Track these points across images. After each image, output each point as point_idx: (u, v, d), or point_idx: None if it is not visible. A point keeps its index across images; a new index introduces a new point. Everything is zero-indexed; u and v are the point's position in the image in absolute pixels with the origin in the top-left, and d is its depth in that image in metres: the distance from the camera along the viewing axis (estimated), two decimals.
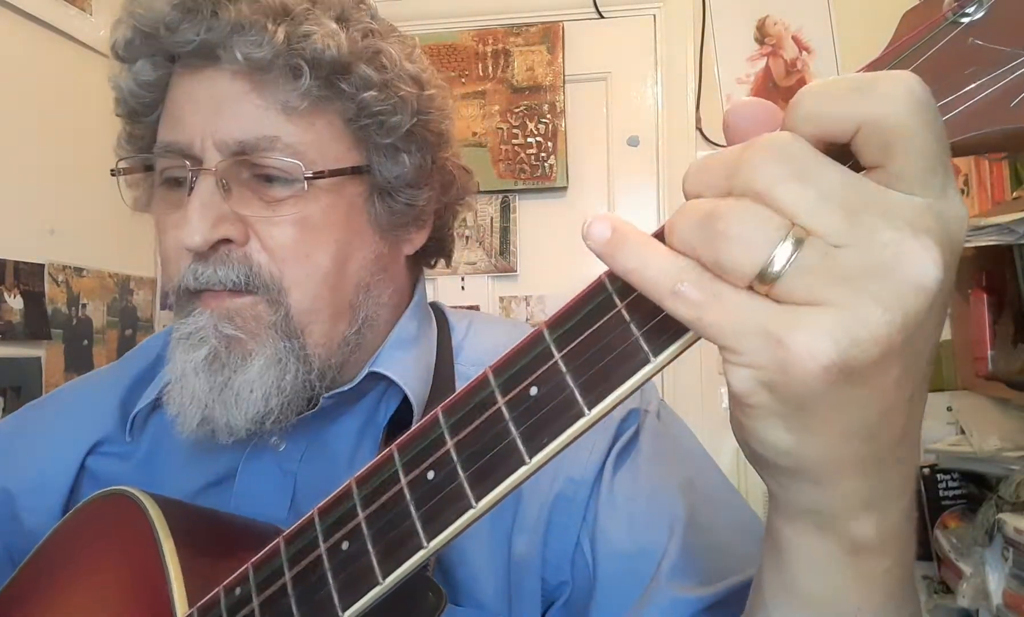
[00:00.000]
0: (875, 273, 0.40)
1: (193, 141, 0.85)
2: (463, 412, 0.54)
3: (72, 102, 2.47)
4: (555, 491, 0.89)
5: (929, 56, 0.46)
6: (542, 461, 0.51)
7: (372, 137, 0.91)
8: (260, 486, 0.93)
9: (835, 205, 0.41)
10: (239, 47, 0.83)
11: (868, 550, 0.51)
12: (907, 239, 0.40)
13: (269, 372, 0.86)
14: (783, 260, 0.41)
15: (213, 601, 0.69)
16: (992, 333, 2.50)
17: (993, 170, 2.49)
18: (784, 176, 0.42)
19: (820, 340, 0.40)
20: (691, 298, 0.43)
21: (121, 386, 1.05)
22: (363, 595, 0.58)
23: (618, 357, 0.48)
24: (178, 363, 0.87)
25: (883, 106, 0.41)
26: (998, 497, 2.15)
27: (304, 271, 0.87)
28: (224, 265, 0.85)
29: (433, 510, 0.55)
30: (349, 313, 0.92)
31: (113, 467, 0.99)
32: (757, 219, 0.42)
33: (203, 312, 0.86)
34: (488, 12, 3.11)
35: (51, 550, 0.91)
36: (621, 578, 0.84)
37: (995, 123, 0.44)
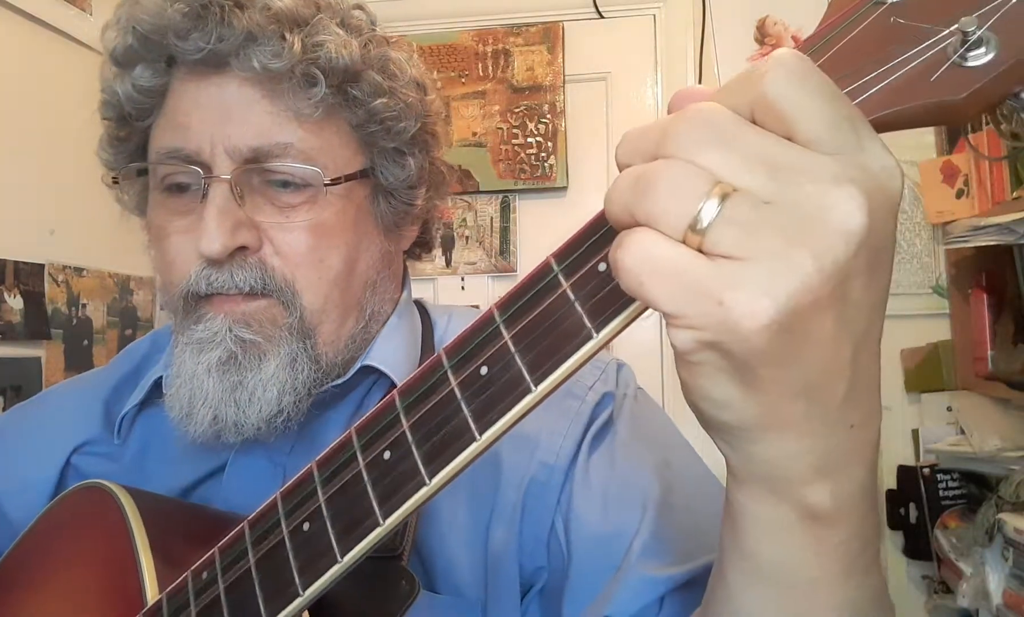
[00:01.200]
0: (801, 224, 0.41)
1: (201, 148, 0.85)
2: (418, 393, 0.56)
3: (72, 102, 2.47)
4: (529, 476, 0.89)
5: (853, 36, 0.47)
6: (492, 437, 0.51)
7: (378, 141, 0.92)
8: (250, 479, 0.94)
9: (758, 164, 0.42)
10: (256, 57, 0.83)
11: (823, 518, 0.51)
12: (830, 189, 0.41)
13: (283, 372, 0.87)
14: (711, 213, 0.42)
15: (181, 586, 0.70)
16: (992, 333, 2.50)
17: (993, 170, 2.49)
18: (707, 139, 0.43)
19: (758, 298, 0.41)
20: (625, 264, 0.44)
21: (105, 389, 1.06)
22: (322, 574, 0.59)
23: (563, 334, 0.49)
24: (187, 365, 0.87)
25: (760, 85, 0.43)
26: (998, 497, 2.15)
27: (316, 274, 0.88)
28: (241, 269, 0.85)
29: (389, 488, 0.56)
30: (357, 311, 0.94)
31: (101, 467, 1.00)
32: (684, 174, 0.43)
33: (216, 317, 0.86)
34: (488, 12, 3.12)
35: (29, 543, 0.92)
36: (594, 559, 0.85)
37: (916, 98, 0.45)
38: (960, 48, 0.44)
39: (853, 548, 0.54)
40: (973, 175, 2.55)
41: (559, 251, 0.50)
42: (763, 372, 0.44)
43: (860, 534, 0.54)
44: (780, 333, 0.42)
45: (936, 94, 0.44)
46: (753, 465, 0.50)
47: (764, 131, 0.43)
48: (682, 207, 0.42)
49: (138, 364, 1.08)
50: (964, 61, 0.44)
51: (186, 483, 0.96)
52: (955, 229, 2.40)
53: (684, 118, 0.44)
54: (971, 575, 2.11)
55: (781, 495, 0.51)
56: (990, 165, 2.48)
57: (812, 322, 0.42)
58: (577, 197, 3.06)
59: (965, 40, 0.43)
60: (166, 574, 0.75)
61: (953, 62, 0.44)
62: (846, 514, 0.52)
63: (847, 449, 0.50)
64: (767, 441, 0.48)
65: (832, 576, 0.54)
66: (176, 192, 0.89)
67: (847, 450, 0.50)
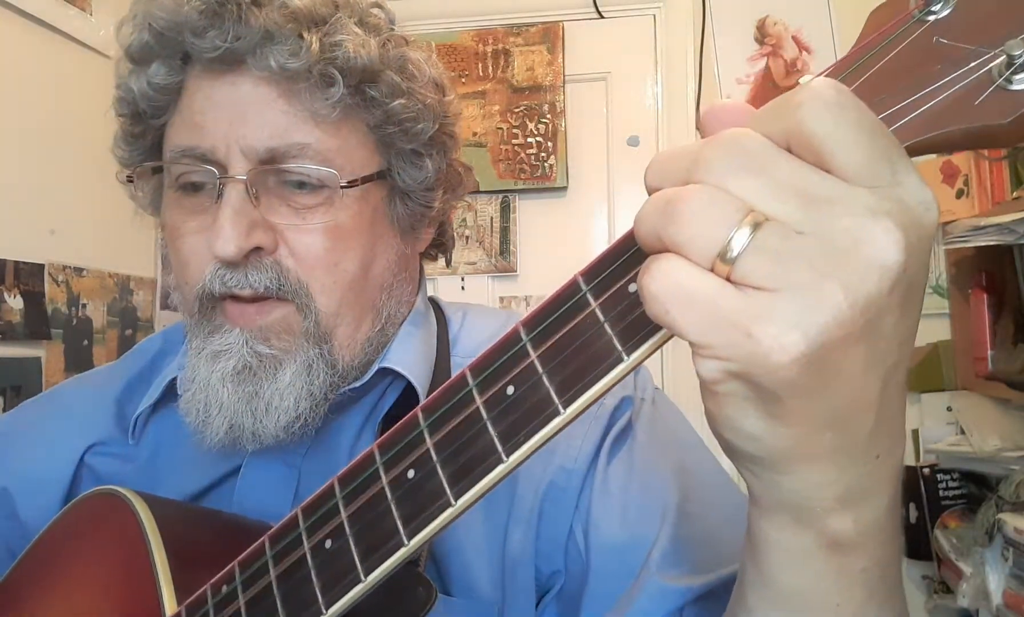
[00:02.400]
0: (835, 257, 0.41)
1: (216, 147, 0.85)
2: (441, 411, 0.55)
3: (72, 102, 2.47)
4: (547, 480, 0.89)
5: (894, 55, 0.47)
6: (519, 459, 0.51)
7: (395, 143, 0.91)
8: (264, 482, 0.93)
9: (791, 194, 0.42)
10: (273, 56, 0.82)
11: (846, 546, 0.51)
12: (866, 223, 0.41)
13: (299, 379, 0.86)
14: (741, 242, 0.41)
15: (200, 600, 0.70)
16: (992, 333, 2.50)
17: (993, 170, 2.49)
18: (740, 166, 0.42)
19: (788, 330, 0.40)
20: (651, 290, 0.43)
21: (117, 387, 1.06)
22: (346, 593, 0.58)
23: (592, 356, 0.48)
24: (202, 372, 0.87)
25: (796, 115, 0.42)
26: (998, 497, 2.15)
27: (332, 277, 0.87)
28: (256, 270, 0.85)
29: (413, 509, 0.55)
30: (373, 314, 0.93)
31: (115, 467, 0.99)
32: (715, 200, 0.42)
33: (232, 330, 0.86)
34: (488, 12, 3.12)
35: (42, 549, 0.91)
36: (613, 567, 0.84)
37: (959, 122, 0.44)
38: (1006, 71, 0.43)
39: (875, 574, 0.53)
40: (973, 175, 2.55)
41: (587, 269, 0.50)
42: (791, 404, 0.43)
43: (883, 559, 0.53)
44: (809, 366, 0.41)
45: (980, 118, 0.44)
46: (777, 494, 0.50)
47: (799, 160, 0.43)
48: (712, 234, 0.42)
49: (151, 362, 1.07)
50: (1009, 84, 0.43)
51: (200, 486, 0.96)
52: (955, 229, 2.40)
53: (717, 143, 0.44)
54: (971, 575, 2.11)
55: (804, 524, 0.51)
56: (990, 165, 2.49)
57: (842, 356, 0.42)
58: (577, 197, 3.06)
59: (1011, 63, 0.43)
60: (184, 586, 0.75)
61: (998, 85, 0.43)
62: (869, 541, 0.52)
63: (871, 478, 0.49)
64: (792, 472, 0.48)
65: (854, 602, 0.54)
66: (191, 191, 0.88)
67: (871, 479, 0.49)
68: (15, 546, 0.96)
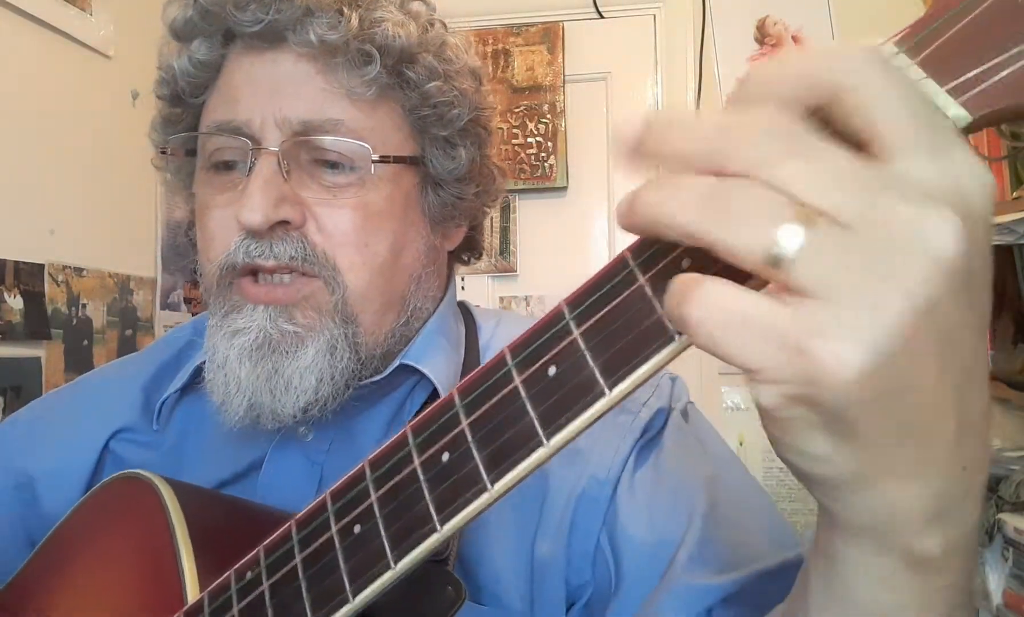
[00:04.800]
0: (892, 254, 0.37)
1: (252, 119, 0.85)
2: (478, 391, 0.52)
3: (72, 102, 2.46)
4: (579, 490, 0.88)
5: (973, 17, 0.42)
6: (561, 443, 0.48)
7: (430, 129, 0.91)
8: (286, 476, 0.93)
9: (842, 182, 0.38)
10: (313, 29, 0.83)
11: (931, 566, 0.47)
12: (922, 211, 0.37)
13: (322, 359, 0.85)
14: (793, 243, 0.37)
15: (224, 585, 0.68)
16: (992, 333, 2.50)
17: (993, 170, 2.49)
18: (782, 152, 0.38)
19: (847, 344, 0.37)
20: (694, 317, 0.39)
21: (145, 375, 1.05)
22: (374, 580, 0.56)
23: (641, 335, 0.45)
24: (220, 350, 0.86)
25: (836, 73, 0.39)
26: (998, 497, 2.14)
27: (361, 257, 0.87)
28: (282, 242, 0.84)
29: (447, 493, 0.53)
30: (400, 304, 0.93)
31: (139, 455, 0.99)
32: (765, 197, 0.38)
33: (256, 308, 0.85)
34: (488, 12, 3.12)
35: (65, 533, 0.91)
36: (640, 570, 0.83)
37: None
38: None
39: (957, 590, 0.50)
40: None
41: (635, 245, 0.46)
42: (861, 422, 0.40)
43: (965, 573, 0.50)
44: (876, 380, 0.37)
45: None
46: (856, 514, 0.46)
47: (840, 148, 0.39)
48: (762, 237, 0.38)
49: (180, 351, 1.07)
50: None
51: (223, 477, 0.95)
52: None
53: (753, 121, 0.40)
54: None
55: (888, 544, 0.47)
56: (990, 165, 2.48)
57: (911, 364, 0.38)
58: (577, 197, 3.06)
59: None
60: (207, 572, 0.74)
61: None
62: (954, 559, 0.48)
63: (960, 492, 0.45)
64: (871, 491, 0.44)
65: None
66: (223, 170, 0.88)
67: (959, 493, 0.45)
68: (36, 533, 0.96)
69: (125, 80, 2.60)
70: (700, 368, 2.82)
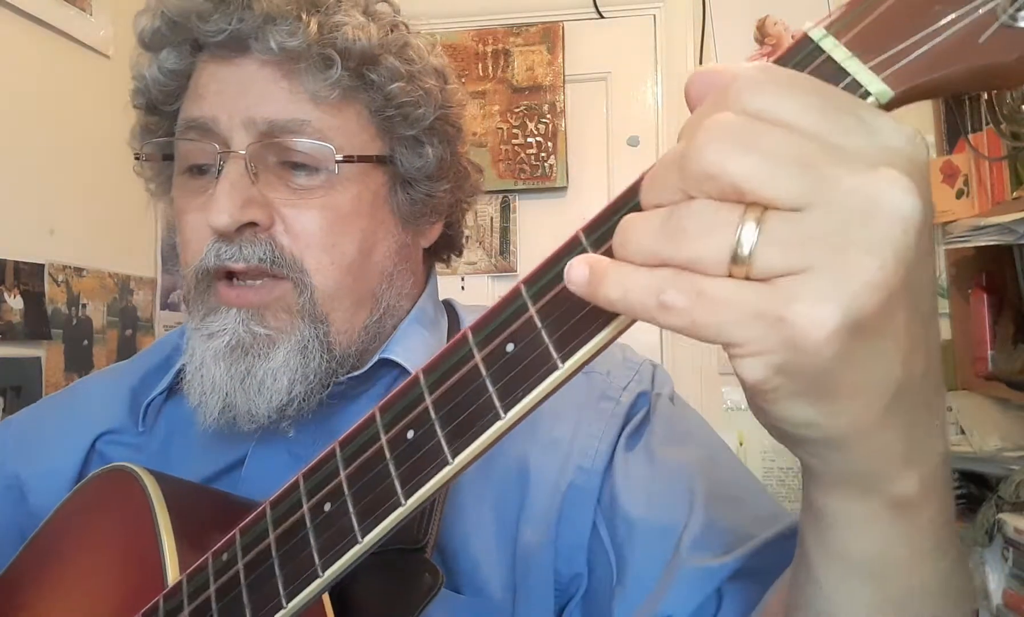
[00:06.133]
0: (851, 221, 0.39)
1: (218, 118, 0.87)
2: (442, 370, 0.55)
3: (72, 102, 2.48)
4: (567, 481, 0.88)
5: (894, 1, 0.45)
6: (517, 416, 0.50)
7: (396, 128, 0.92)
8: (269, 471, 0.93)
9: (787, 166, 0.40)
10: (273, 37, 0.84)
11: (912, 504, 0.50)
12: (871, 178, 0.39)
13: (293, 359, 0.86)
14: (750, 238, 0.40)
15: (202, 566, 0.70)
16: (992, 333, 2.50)
17: (993, 170, 2.49)
18: (727, 151, 0.40)
19: (821, 305, 0.39)
20: (678, 305, 0.41)
21: (133, 378, 1.07)
22: (342, 555, 0.58)
23: (592, 309, 0.47)
24: (198, 352, 0.87)
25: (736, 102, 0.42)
26: (998, 497, 2.14)
27: (329, 257, 0.88)
28: (250, 244, 0.85)
29: (412, 468, 0.55)
30: (371, 301, 0.94)
31: (126, 456, 0.99)
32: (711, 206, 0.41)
33: (228, 310, 0.87)
34: (488, 12, 3.13)
35: (53, 525, 0.92)
36: (643, 556, 0.83)
37: (962, 61, 0.43)
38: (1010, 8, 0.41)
39: (939, 520, 0.52)
40: (973, 175, 2.55)
41: (589, 224, 0.49)
42: (842, 381, 0.42)
43: (944, 505, 0.52)
44: (851, 338, 0.40)
45: (985, 57, 0.42)
46: (838, 468, 0.49)
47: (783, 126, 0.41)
48: (719, 243, 0.40)
49: (168, 355, 1.08)
50: (1015, 21, 0.41)
51: (206, 474, 0.96)
52: (955, 229, 2.40)
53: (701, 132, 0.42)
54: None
55: (870, 491, 0.49)
56: (990, 165, 2.48)
57: (885, 319, 0.41)
58: (577, 197, 3.07)
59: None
60: (188, 555, 0.75)
61: (1003, 22, 0.42)
62: (932, 492, 0.50)
63: (926, 429, 0.48)
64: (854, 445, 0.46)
65: (923, 553, 0.53)
66: (197, 174, 0.90)
67: (926, 430, 0.48)
68: (28, 533, 0.97)
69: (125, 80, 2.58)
70: (700, 368, 2.83)
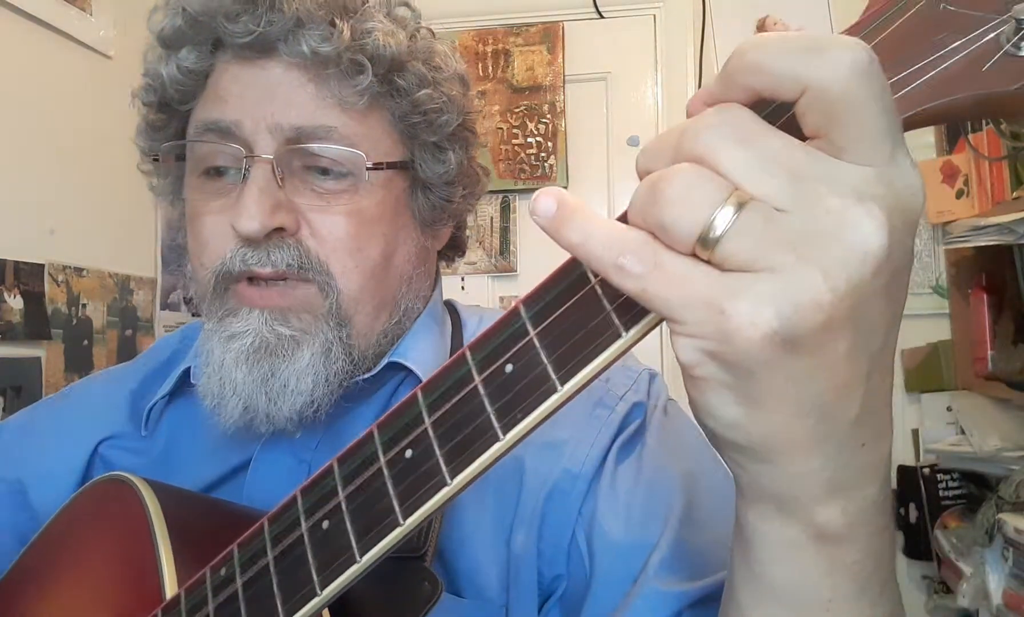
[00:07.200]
0: (818, 239, 0.40)
1: (242, 122, 0.85)
2: (441, 390, 0.54)
3: (72, 102, 2.47)
4: (551, 483, 0.88)
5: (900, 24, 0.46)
6: (516, 437, 0.50)
7: (419, 134, 0.92)
8: (274, 475, 0.93)
9: (778, 170, 0.41)
10: (306, 41, 0.83)
11: (835, 537, 0.50)
12: (851, 206, 0.40)
13: (317, 361, 0.86)
14: (724, 223, 0.41)
15: (200, 581, 0.69)
16: (992, 333, 2.50)
17: (993, 170, 2.49)
18: (725, 140, 0.42)
19: (761, 308, 0.40)
20: (633, 270, 0.43)
21: (132, 383, 1.06)
22: (341, 573, 0.58)
23: (590, 332, 0.47)
24: (216, 353, 0.86)
25: (830, 71, 0.40)
26: (998, 497, 2.15)
27: (354, 261, 0.88)
28: (278, 249, 0.84)
29: (410, 488, 0.54)
30: (391, 305, 0.93)
31: (128, 461, 0.99)
32: (698, 180, 0.41)
33: (251, 311, 0.86)
34: (488, 12, 3.12)
35: (50, 534, 0.92)
36: (614, 572, 0.83)
37: (966, 89, 0.43)
38: (1013, 37, 0.42)
39: (867, 567, 0.52)
40: (973, 175, 2.55)
41: None
42: (768, 388, 0.43)
43: (874, 552, 0.52)
44: (785, 347, 0.41)
45: (987, 85, 0.43)
46: (762, 484, 0.49)
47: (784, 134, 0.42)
48: (694, 216, 0.41)
49: (168, 358, 1.08)
50: (1018, 51, 0.42)
51: (211, 479, 0.96)
52: (955, 229, 2.40)
53: (704, 117, 0.43)
54: (971, 575, 2.11)
55: (791, 515, 0.50)
56: (990, 165, 2.49)
57: (824, 341, 0.41)
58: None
59: (1019, 29, 0.42)
60: (185, 570, 0.75)
61: (1006, 52, 0.42)
62: (858, 533, 0.50)
63: (858, 468, 0.48)
64: (776, 461, 0.47)
65: (846, 597, 0.53)
66: (214, 176, 0.89)
67: (858, 469, 0.48)
68: (28, 537, 0.96)
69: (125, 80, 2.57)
70: None
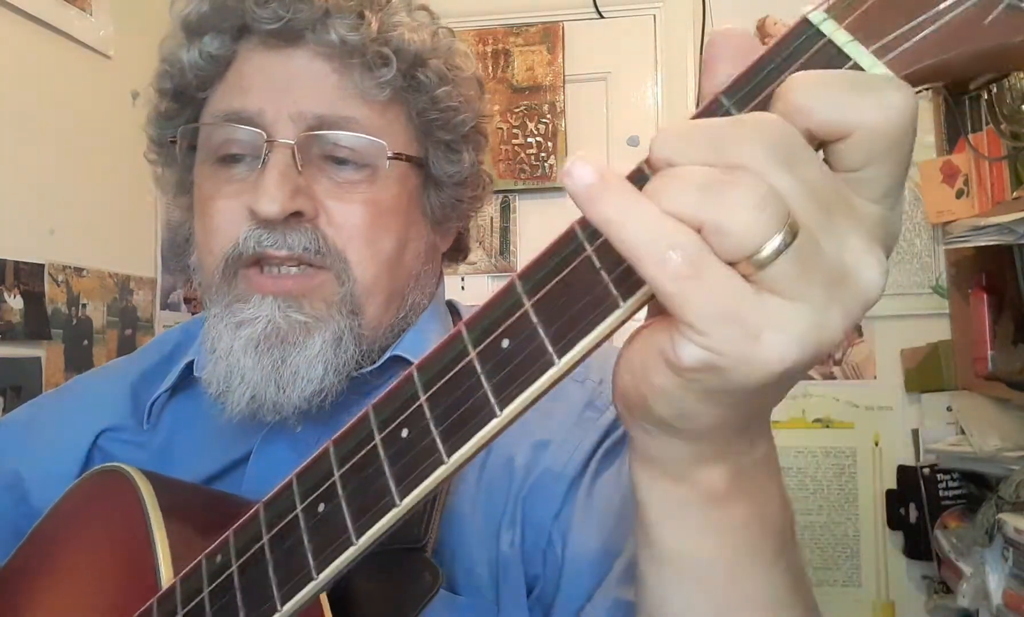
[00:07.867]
0: (841, 277, 0.41)
1: (264, 110, 0.86)
2: (436, 368, 0.53)
3: (72, 102, 2.47)
4: (531, 482, 0.88)
5: None
6: (513, 413, 0.49)
7: (435, 132, 0.93)
8: (273, 468, 0.91)
9: (817, 201, 0.40)
10: (335, 29, 0.85)
11: (720, 498, 0.51)
12: (867, 248, 0.41)
13: (328, 350, 0.86)
14: (775, 246, 0.39)
15: (195, 569, 0.69)
16: (992, 333, 2.49)
17: (993, 170, 2.50)
18: (773, 158, 0.40)
19: (792, 344, 0.40)
20: (679, 270, 0.40)
21: (133, 376, 1.06)
22: (337, 556, 0.57)
23: (587, 304, 0.46)
24: (224, 340, 0.87)
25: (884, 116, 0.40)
26: (998, 497, 2.15)
27: (370, 251, 0.88)
28: (296, 233, 0.85)
29: (406, 468, 0.53)
30: (399, 299, 0.94)
31: (128, 453, 0.99)
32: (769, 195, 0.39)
33: (264, 298, 0.86)
34: (488, 12, 3.12)
35: (47, 526, 0.92)
36: (581, 577, 0.83)
37: (968, 43, 0.42)
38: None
39: (754, 530, 0.53)
40: (973, 175, 2.55)
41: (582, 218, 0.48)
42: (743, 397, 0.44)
43: (762, 514, 0.53)
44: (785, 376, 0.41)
45: (990, 38, 0.42)
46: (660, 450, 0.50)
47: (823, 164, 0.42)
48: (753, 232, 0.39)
49: (169, 353, 1.08)
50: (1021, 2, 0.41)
51: (210, 472, 0.96)
52: (955, 229, 2.40)
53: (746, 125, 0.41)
54: (971, 575, 2.11)
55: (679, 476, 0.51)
56: (990, 165, 2.49)
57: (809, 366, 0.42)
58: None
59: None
60: (182, 558, 0.74)
61: (1009, 3, 0.41)
62: (744, 493, 0.52)
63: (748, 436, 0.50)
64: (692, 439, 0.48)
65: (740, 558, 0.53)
66: (229, 163, 0.89)
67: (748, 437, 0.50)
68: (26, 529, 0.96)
69: (125, 80, 2.60)
70: None
